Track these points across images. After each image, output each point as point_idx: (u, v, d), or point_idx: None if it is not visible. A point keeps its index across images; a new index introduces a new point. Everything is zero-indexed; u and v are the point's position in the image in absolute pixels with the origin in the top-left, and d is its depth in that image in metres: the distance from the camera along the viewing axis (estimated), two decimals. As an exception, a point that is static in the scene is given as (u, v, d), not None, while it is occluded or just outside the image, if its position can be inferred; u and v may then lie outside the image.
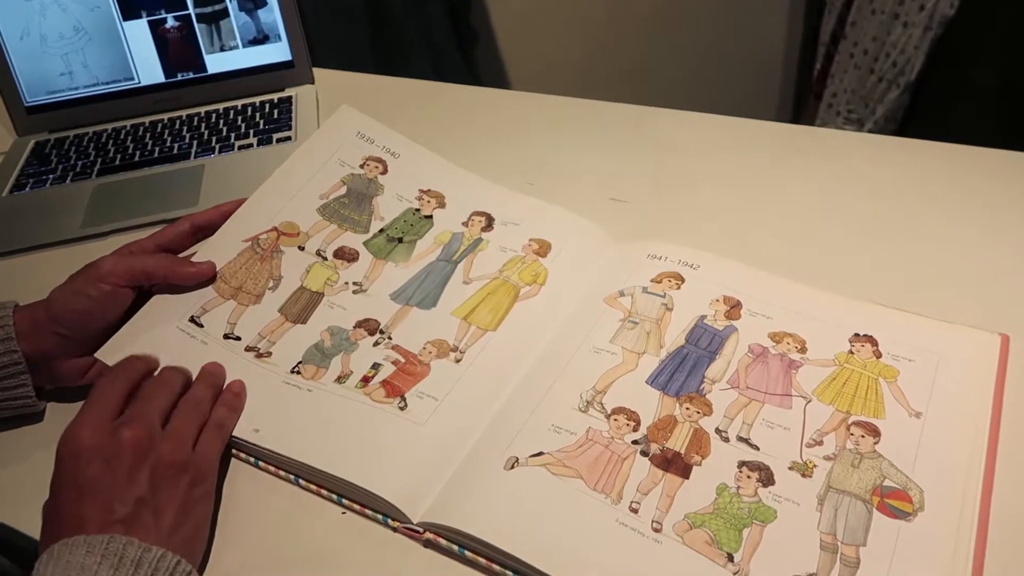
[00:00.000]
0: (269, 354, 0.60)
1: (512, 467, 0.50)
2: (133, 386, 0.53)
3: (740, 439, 0.51)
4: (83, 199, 0.85)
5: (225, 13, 0.95)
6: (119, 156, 0.91)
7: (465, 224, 0.69)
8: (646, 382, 0.55)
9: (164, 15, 0.95)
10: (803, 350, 0.57)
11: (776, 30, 1.65)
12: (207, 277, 0.63)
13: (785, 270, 0.63)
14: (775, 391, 0.54)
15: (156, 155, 0.90)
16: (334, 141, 0.74)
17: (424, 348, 0.59)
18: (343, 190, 0.71)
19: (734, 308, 0.60)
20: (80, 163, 0.90)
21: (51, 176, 0.89)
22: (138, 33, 0.95)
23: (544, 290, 0.63)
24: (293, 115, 0.94)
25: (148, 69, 0.97)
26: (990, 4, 1.22)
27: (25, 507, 0.52)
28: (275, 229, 0.67)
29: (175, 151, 0.91)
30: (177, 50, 0.96)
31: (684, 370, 0.56)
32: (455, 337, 0.59)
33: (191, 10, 0.95)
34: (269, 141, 0.91)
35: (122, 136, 0.94)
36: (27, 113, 0.96)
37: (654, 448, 0.51)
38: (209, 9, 0.95)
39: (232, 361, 0.59)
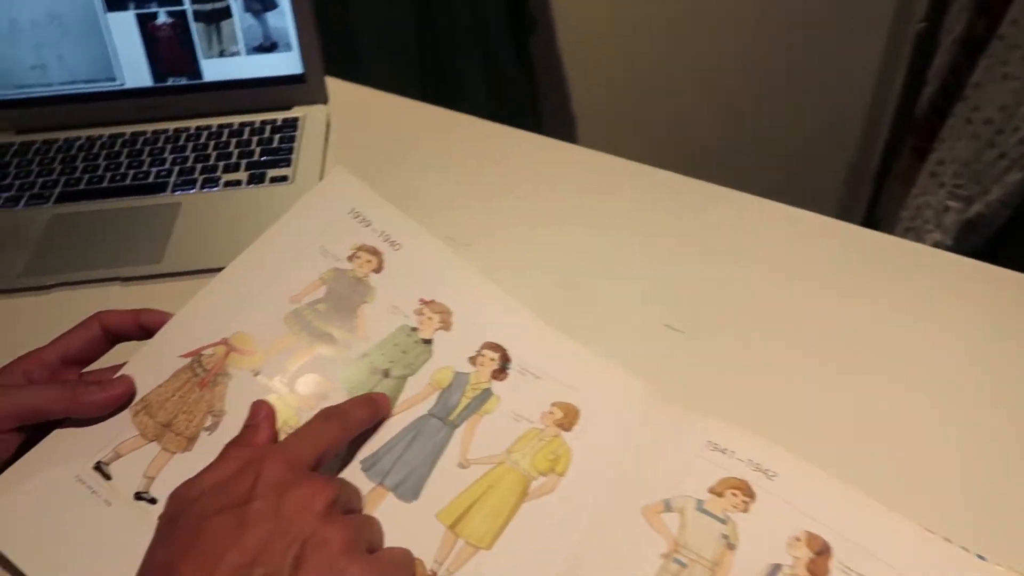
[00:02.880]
0: (190, 531, 0.45)
1: None
2: None
3: None
4: (34, 233, 0.71)
5: (227, 13, 0.79)
6: (86, 177, 0.76)
7: (472, 360, 0.52)
8: None
9: (155, 9, 0.79)
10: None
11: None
12: (120, 403, 0.48)
13: (906, 494, 0.46)
14: None
15: (128, 180, 0.76)
16: (320, 219, 0.57)
17: (391, 568, 0.43)
18: (322, 291, 0.55)
19: (821, 557, 0.43)
20: (40, 181, 0.76)
21: (4, 195, 0.75)
22: (124, 27, 0.79)
23: (563, 484, 0.47)
24: (296, 146, 0.78)
25: (134, 70, 0.81)
26: None
27: None
28: (224, 342, 0.52)
29: (150, 178, 0.76)
30: (169, 51, 0.80)
31: (742, 663, 0.39)
32: (435, 556, 0.43)
33: (187, 6, 0.78)
34: (262, 180, 0.75)
35: (96, 148, 0.79)
36: (-8, 108, 0.81)
37: None
38: (208, 7, 0.79)
39: (136, 535, 0.43)
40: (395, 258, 0.57)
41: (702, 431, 0.49)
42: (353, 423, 0.47)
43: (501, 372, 0.52)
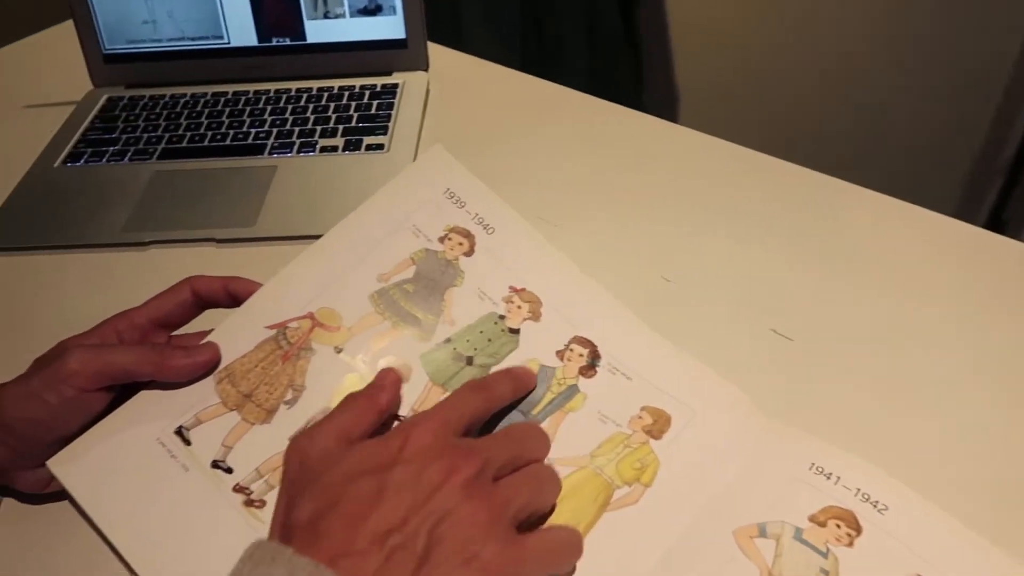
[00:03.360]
0: (262, 503, 0.44)
1: None
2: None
3: None
4: (136, 188, 0.72)
5: (334, -26, 0.78)
6: (188, 135, 0.77)
7: (560, 354, 0.50)
8: None
9: (263, -32, 0.78)
10: None
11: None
12: (206, 368, 0.48)
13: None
14: None
15: (228, 141, 0.76)
16: (414, 197, 0.55)
17: (460, 566, 0.41)
18: (411, 272, 0.53)
19: (933, 607, 0.39)
20: (145, 136, 0.77)
21: (111, 149, 0.76)
22: (232, -15, 0.79)
23: (648, 495, 0.44)
24: (394, 113, 0.76)
25: (240, 29, 0.81)
26: None
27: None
28: (310, 316, 0.51)
29: (250, 139, 0.76)
30: (275, 11, 0.80)
31: None
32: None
33: (295, -34, 0.77)
34: (358, 147, 0.74)
35: (199, 106, 0.80)
36: (104, 61, 0.83)
37: None
38: (316, -33, 0.77)
39: (211, 502, 0.44)
40: (487, 242, 0.54)
41: (806, 452, 0.45)
42: (496, 396, 0.45)
43: (590, 369, 0.49)
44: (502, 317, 0.51)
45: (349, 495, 0.37)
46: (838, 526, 0.42)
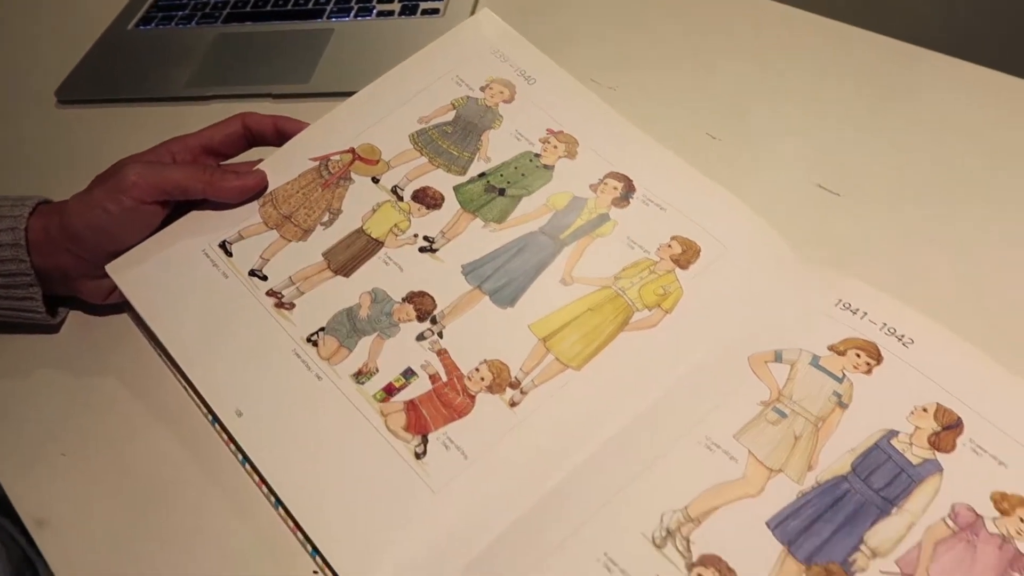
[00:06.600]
0: (291, 306, 0.46)
1: (524, 607, 0.35)
2: None
3: (887, 674, 0.32)
4: (200, 49, 0.74)
5: None
6: (251, 0, 0.78)
7: (594, 188, 0.50)
8: (767, 523, 0.36)
9: None
10: (1047, 541, 0.35)
11: None
12: (254, 192, 0.51)
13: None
14: (974, 603, 0.33)
15: (289, 6, 0.77)
16: (459, 54, 0.56)
17: (477, 369, 0.43)
18: (450, 115, 0.54)
19: (948, 432, 0.38)
20: (212, 2, 0.79)
21: (179, 14, 0.79)
22: None
23: (668, 321, 0.44)
24: (450, -21, 0.76)
25: None
26: None
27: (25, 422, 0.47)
28: (352, 151, 0.52)
29: (309, 4, 0.77)
30: None
31: (833, 519, 0.36)
32: (522, 365, 0.43)
33: None
34: (414, 11, 0.74)
35: (264, -26, 0.81)
36: (177, -68, 0.85)
37: (743, 647, 0.33)
38: None
39: (245, 305, 0.46)
40: (528, 91, 0.55)
41: (835, 288, 0.44)
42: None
43: (623, 201, 0.49)
44: (537, 155, 0.52)
45: None
46: (858, 355, 0.41)
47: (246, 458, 0.42)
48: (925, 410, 0.39)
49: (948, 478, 0.37)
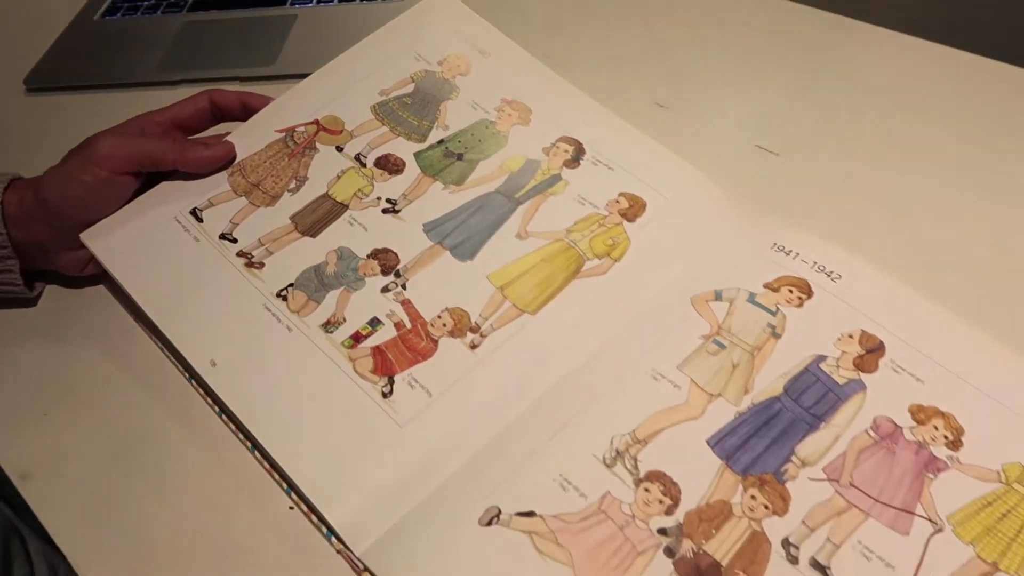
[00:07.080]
0: (261, 265, 0.49)
1: (490, 523, 0.38)
2: None
3: (815, 565, 0.35)
4: (167, 36, 0.76)
5: None
6: (218, -14, 0.80)
7: (546, 151, 0.53)
8: (707, 441, 0.39)
9: None
10: (956, 445, 0.38)
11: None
12: (223, 162, 0.53)
13: (979, 313, 0.43)
14: (892, 501, 0.37)
15: (254, -8, 0.79)
16: (417, 31, 0.59)
17: (439, 317, 0.45)
18: (409, 88, 0.56)
19: (871, 354, 0.42)
20: (177, -9, 0.81)
21: (145, 3, 0.81)
22: None
23: (616, 269, 0.47)
24: (409, -35, 0.79)
25: None
26: None
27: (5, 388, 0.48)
28: (316, 122, 0.55)
29: (273, -9, 0.79)
30: None
31: (767, 435, 0.39)
32: (481, 311, 0.46)
33: None
34: (375, -5, 0.76)
35: (227, -36, 0.83)
36: (140, -75, 0.87)
37: (686, 547, 0.36)
38: None
39: (217, 265, 0.49)
40: (483, 64, 0.58)
41: (771, 234, 0.48)
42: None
43: (574, 162, 0.52)
44: (492, 123, 0.55)
45: None
46: (791, 291, 0.45)
47: (222, 409, 0.45)
48: (851, 336, 0.42)
49: (871, 395, 0.40)
